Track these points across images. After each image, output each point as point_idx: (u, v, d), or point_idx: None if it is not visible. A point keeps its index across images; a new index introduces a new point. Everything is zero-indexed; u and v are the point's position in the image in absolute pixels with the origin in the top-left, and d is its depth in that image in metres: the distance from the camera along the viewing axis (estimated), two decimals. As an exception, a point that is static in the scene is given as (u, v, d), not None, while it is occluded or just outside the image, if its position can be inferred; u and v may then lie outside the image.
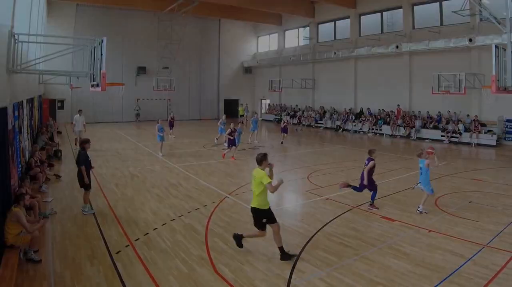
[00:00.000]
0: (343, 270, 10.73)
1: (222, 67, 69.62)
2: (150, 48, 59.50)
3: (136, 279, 10.20)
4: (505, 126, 37.23)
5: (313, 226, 14.31)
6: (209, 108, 68.43)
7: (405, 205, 17.15)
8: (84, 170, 15.53)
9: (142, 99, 60.39)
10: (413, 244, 12.57)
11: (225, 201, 17.74)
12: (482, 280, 10.02)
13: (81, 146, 16.20)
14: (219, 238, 13.13)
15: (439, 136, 40.01)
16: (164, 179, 22.25)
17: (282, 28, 66.88)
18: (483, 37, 35.17)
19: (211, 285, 9.96)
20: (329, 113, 54.84)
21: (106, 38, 17.20)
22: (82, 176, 15.63)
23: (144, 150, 32.68)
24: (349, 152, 33.50)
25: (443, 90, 35.93)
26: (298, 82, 59.36)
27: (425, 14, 44.23)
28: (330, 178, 22.59)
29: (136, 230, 13.74)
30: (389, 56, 46.74)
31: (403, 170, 25.25)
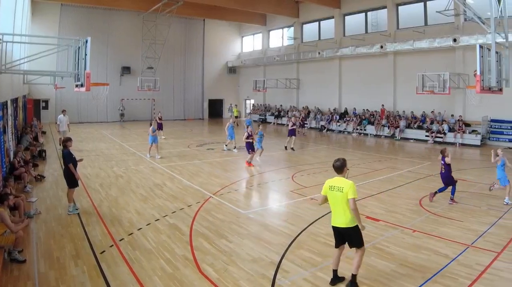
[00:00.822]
0: (328, 270, 10.62)
1: (207, 67, 69.63)
2: (134, 48, 59.47)
3: (121, 279, 10.15)
4: (490, 127, 37.42)
5: (297, 226, 14.29)
6: (194, 108, 68.52)
7: (390, 205, 17.18)
8: (72, 167, 15.47)
9: (126, 99, 60.31)
10: (398, 244, 12.59)
11: (209, 201, 17.69)
12: (467, 280, 10.03)
13: (63, 145, 16.23)
14: (204, 238, 13.07)
15: (423, 136, 40.09)
16: (148, 179, 22.22)
17: (266, 28, 67.03)
18: (467, 37, 35.39)
19: (195, 285, 9.92)
20: (314, 113, 54.90)
21: (90, 38, 17.18)
22: (70, 174, 15.56)
23: (128, 150, 32.55)
24: (334, 152, 33.40)
25: (428, 90, 35.93)
26: (283, 82, 59.49)
27: (410, 14, 44.37)
28: (315, 178, 22.56)
29: (121, 230, 13.69)
30: (373, 56, 46.92)
31: (387, 170, 25.25)
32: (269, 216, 16.03)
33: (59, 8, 52.69)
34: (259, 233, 13.61)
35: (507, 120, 36.11)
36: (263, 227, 14.25)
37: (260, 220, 15.23)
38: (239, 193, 20.03)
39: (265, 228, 14.02)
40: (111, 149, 32.77)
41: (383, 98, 46.26)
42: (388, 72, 46.01)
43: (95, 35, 39.47)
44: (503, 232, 13.51)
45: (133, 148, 33.08)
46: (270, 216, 16.00)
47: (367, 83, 48.81)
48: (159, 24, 56.77)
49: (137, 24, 58.10)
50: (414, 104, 42.84)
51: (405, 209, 16.65)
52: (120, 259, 11.30)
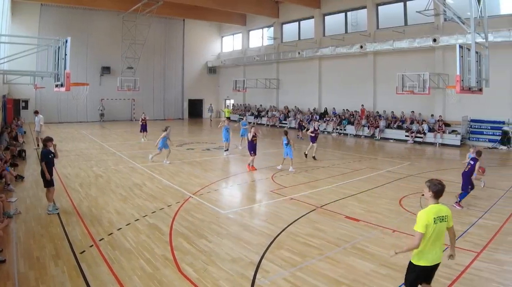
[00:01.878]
0: (307, 270, 10.70)
1: (187, 67, 69.71)
2: (114, 48, 59.32)
3: (101, 279, 10.09)
4: (469, 127, 37.70)
5: (277, 226, 14.26)
6: (174, 108, 68.60)
7: (370, 205, 17.20)
8: (45, 166, 15.39)
9: (106, 99, 60.19)
10: (378, 244, 12.59)
11: (189, 201, 17.65)
12: (447, 280, 10.07)
13: (44, 144, 16.13)
14: (183, 238, 13.03)
15: (403, 136, 40.30)
16: (128, 179, 22.12)
17: (246, 28, 67.15)
18: (447, 37, 35.72)
19: (175, 285, 9.88)
20: (293, 113, 55.08)
21: (70, 38, 17.14)
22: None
23: (108, 150, 32.42)
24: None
25: (407, 90, 36.17)
26: (263, 82, 59.61)
27: (390, 14, 44.63)
28: (294, 178, 22.58)
29: (101, 230, 13.61)
30: (353, 56, 47.09)
31: (367, 170, 25.29)
32: (249, 216, 16.02)
33: (39, 8, 52.54)
34: (238, 233, 13.59)
35: (487, 120, 36.42)
36: (242, 227, 14.24)
37: (239, 220, 15.22)
38: (219, 193, 20.01)
39: (244, 228, 14.02)
40: (90, 149, 32.63)
41: (363, 98, 46.55)
42: (368, 72, 46.24)
43: (75, 35, 39.28)
44: (483, 232, 13.57)
45: (113, 148, 32.99)
46: (250, 216, 16.00)
47: (347, 83, 49.07)
48: (139, 24, 56.74)
49: (117, 24, 57.94)
50: (394, 105, 43.09)
51: (385, 209, 16.67)
52: (100, 259, 11.24)
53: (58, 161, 19.53)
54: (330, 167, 26.19)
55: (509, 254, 11.70)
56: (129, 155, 29.92)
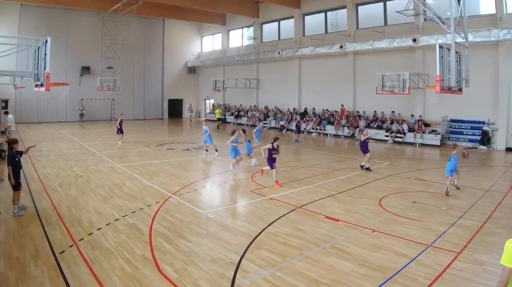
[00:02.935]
0: (287, 270, 10.72)
1: (166, 67, 69.71)
2: (94, 48, 59.13)
3: (80, 279, 10.04)
4: (449, 126, 37.97)
5: (257, 226, 14.29)
6: (153, 108, 68.56)
7: (349, 205, 17.26)
8: (11, 170, 15.26)
9: (86, 99, 60.05)
10: (357, 244, 12.62)
11: (169, 201, 17.64)
12: (426, 280, 10.08)
13: (9, 146, 16.01)
14: (163, 238, 13.01)
15: (383, 136, 40.38)
16: (108, 178, 22.04)
17: (226, 28, 67.16)
18: (427, 37, 35.94)
19: (155, 285, 9.86)
20: (273, 113, 55.27)
21: (50, 38, 17.10)
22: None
23: (88, 149, 32.28)
24: (293, 151, 33.70)
25: (387, 90, 36.33)
26: (242, 82, 59.66)
27: (369, 14, 44.77)
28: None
29: (80, 230, 13.55)
30: (333, 56, 47.19)
31: (347, 170, 25.35)
32: (229, 216, 16.05)
33: (18, 8, 52.35)
34: (218, 233, 13.58)
35: (467, 120, 36.69)
36: (222, 227, 14.22)
37: (219, 220, 15.20)
38: (199, 192, 19.99)
39: (224, 228, 14.01)
40: (70, 149, 32.50)
41: (343, 98, 46.69)
42: (348, 72, 46.38)
43: (54, 35, 39.06)
44: (462, 232, 13.64)
45: (92, 148, 32.87)
46: (230, 216, 16.03)
47: (327, 83, 49.19)
48: (119, 24, 56.69)
49: (96, 24, 57.81)
50: (374, 105, 43.30)
51: (365, 209, 16.72)
52: (80, 259, 11.20)
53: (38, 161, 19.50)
54: (310, 167, 26.29)
55: (489, 254, 11.73)
56: (108, 154, 29.81)
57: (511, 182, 22.44)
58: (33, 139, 37.20)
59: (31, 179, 21.22)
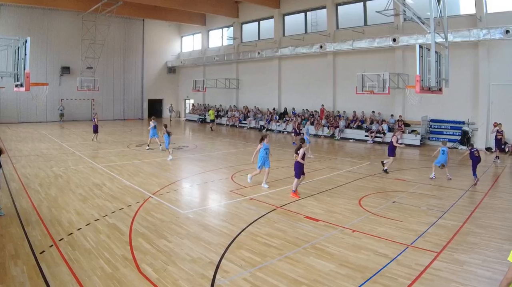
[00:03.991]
0: (267, 270, 10.71)
1: (146, 67, 69.76)
2: (74, 48, 59.00)
3: (60, 279, 9.96)
4: (429, 126, 38.19)
5: (237, 226, 14.27)
6: (133, 108, 68.56)
7: (329, 205, 17.25)
8: None
9: (66, 99, 59.95)
10: (337, 244, 12.61)
11: (149, 201, 17.59)
12: (406, 280, 10.10)
13: None
14: (143, 238, 12.96)
15: (363, 136, 40.61)
16: (88, 179, 21.94)
17: (206, 28, 67.30)
18: (407, 37, 36.05)
19: (135, 285, 9.81)
20: (253, 113, 55.29)
21: (30, 38, 17.02)
22: None
23: (68, 149, 32.15)
24: (273, 151, 33.07)
25: (367, 90, 36.52)
26: (222, 82, 59.82)
27: (349, 14, 44.90)
28: (254, 178, 22.21)
29: (60, 230, 13.46)
30: (313, 56, 47.35)
31: (327, 170, 25.44)
32: (209, 216, 16.02)
33: (-2, 7, 52.06)
34: (198, 233, 13.54)
35: (447, 120, 36.94)
36: (202, 227, 14.19)
37: (199, 220, 15.18)
38: (179, 193, 19.93)
39: (204, 228, 13.98)
40: (50, 149, 32.31)
41: (323, 98, 46.89)
42: (328, 72, 46.53)
43: (34, 35, 39.15)
44: (442, 232, 13.68)
45: (72, 148, 32.78)
46: (210, 216, 15.98)
47: (306, 83, 49.41)
48: (99, 24, 56.79)
49: (76, 24, 57.75)
50: (354, 104, 43.48)
51: (345, 209, 16.73)
52: (60, 259, 11.12)
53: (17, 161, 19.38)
54: (290, 167, 25.51)
55: (469, 254, 11.77)
56: (88, 154, 29.77)
57: (491, 182, 22.69)
58: (13, 139, 37.14)
59: (11, 179, 21.10)
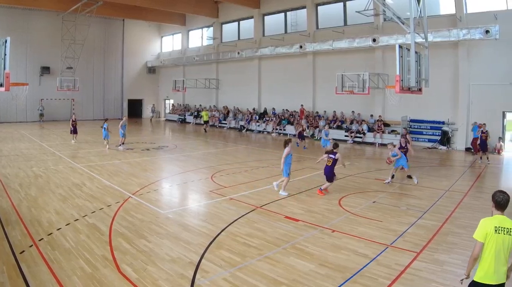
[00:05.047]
0: (247, 270, 10.71)
1: (126, 67, 69.71)
2: (53, 48, 58.57)
3: (40, 279, 9.90)
4: (409, 127, 38.19)
5: (216, 226, 14.25)
6: (113, 108, 68.33)
7: (309, 205, 17.30)
8: None
9: (46, 99, 59.68)
10: (317, 244, 12.63)
11: (129, 201, 17.56)
12: (386, 280, 10.13)
13: None
14: (123, 238, 12.92)
15: (343, 136, 40.63)
16: (68, 179, 21.84)
17: (186, 28, 67.37)
18: (387, 37, 36.19)
19: (114, 285, 9.78)
20: (233, 113, 55.45)
21: (9, 38, 16.95)
22: None
23: (48, 150, 32.03)
24: (253, 151, 33.87)
25: (347, 90, 36.53)
26: (202, 82, 59.81)
27: (329, 14, 45.06)
28: (234, 178, 22.67)
29: (40, 230, 13.38)
30: (293, 56, 47.37)
31: (307, 170, 25.44)
32: (188, 216, 16.04)
33: (-23, 7, 51.78)
34: (178, 233, 13.53)
35: (427, 120, 37.14)
36: (182, 227, 14.19)
37: (179, 220, 15.19)
38: (158, 193, 19.89)
39: (184, 228, 13.97)
40: (30, 149, 32.22)
41: (303, 98, 47.00)
42: (308, 72, 46.65)
43: (14, 35, 38.82)
44: (422, 232, 13.73)
45: (52, 148, 32.67)
46: (189, 216, 16.01)
47: (286, 83, 49.50)
48: (79, 24, 56.25)
49: (56, 24, 57.33)
50: (334, 105, 43.63)
51: (325, 209, 16.75)
52: (40, 259, 11.06)
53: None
54: (270, 167, 26.30)
55: (449, 254, 11.82)
56: (68, 154, 29.67)
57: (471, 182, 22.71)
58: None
59: (-10, 179, 20.96)
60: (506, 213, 7.34)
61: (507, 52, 31.72)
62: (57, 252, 11.59)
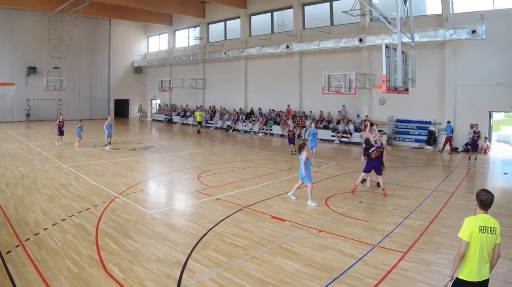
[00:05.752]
0: (234, 270, 10.70)
1: (113, 67, 69.54)
2: (40, 48, 58.31)
3: (27, 279, 9.88)
4: (396, 127, 38.38)
5: (203, 226, 14.24)
6: (100, 108, 68.06)
7: (296, 205, 17.30)
8: None
9: (32, 99, 59.51)
10: (304, 244, 12.63)
11: (115, 201, 17.51)
12: (373, 280, 10.13)
13: None
14: (110, 238, 12.88)
15: (329, 136, 40.69)
16: (54, 179, 21.77)
17: (172, 28, 67.32)
18: (373, 37, 36.19)
19: (101, 285, 9.74)
20: (220, 113, 55.41)
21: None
22: None
23: (34, 150, 31.89)
24: (239, 151, 33.84)
25: (334, 90, 36.61)
26: (189, 82, 59.84)
27: (316, 14, 45.08)
28: (221, 178, 22.65)
29: (27, 230, 13.34)
30: (279, 56, 47.37)
31: (293, 169, 25.10)
32: (175, 216, 16.04)
33: (-37, 8, 51.58)
34: (164, 233, 13.51)
35: (413, 120, 37.20)
36: (168, 227, 14.17)
37: (165, 220, 15.18)
38: (145, 193, 19.84)
39: (170, 228, 13.96)
40: (17, 149, 32.11)
41: (289, 98, 47.06)
42: (294, 72, 46.69)
43: (0, 35, 38.65)
44: (409, 232, 13.75)
45: (39, 148, 32.59)
46: (176, 216, 16.00)
47: (273, 83, 49.53)
48: (65, 24, 56.11)
49: (43, 24, 57.17)
50: (320, 105, 43.65)
51: (311, 209, 16.75)
52: (26, 259, 11.03)
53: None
54: (256, 167, 26.36)
55: (435, 254, 11.83)
56: (55, 154, 29.58)
57: (457, 182, 22.72)
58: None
59: (-25, 180, 20.89)
60: (490, 212, 7.39)
61: (494, 52, 31.87)
62: (43, 252, 11.55)
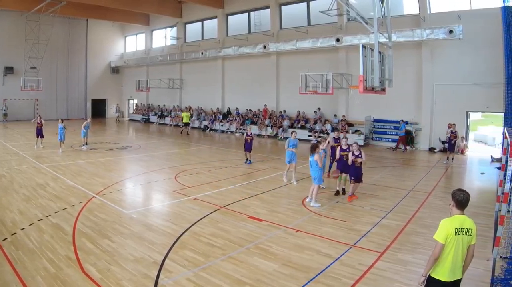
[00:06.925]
0: (211, 270, 10.73)
1: (90, 67, 69.22)
2: (17, 48, 57.84)
3: (3, 279, 9.86)
4: (373, 126, 38.52)
5: (180, 226, 14.26)
6: (77, 108, 67.95)
7: (273, 205, 17.36)
8: None
9: (9, 99, 59.24)
10: (281, 244, 12.67)
11: (92, 201, 17.45)
12: (350, 280, 10.17)
13: None
14: (87, 238, 12.85)
15: (306, 136, 40.12)
16: (31, 179, 21.66)
17: (149, 28, 67.22)
18: (350, 37, 36.27)
19: (78, 285, 9.73)
20: (197, 113, 55.34)
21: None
22: None
23: (11, 149, 31.79)
24: (216, 151, 33.97)
25: (311, 90, 36.73)
26: (166, 82, 59.87)
27: (293, 14, 45.11)
28: (198, 178, 22.70)
29: (4, 230, 13.31)
30: (256, 56, 47.43)
31: (270, 169, 25.56)
32: (152, 216, 16.02)
33: None
34: (141, 233, 13.51)
35: (390, 120, 37.31)
36: (145, 227, 14.17)
37: (143, 220, 15.16)
38: (122, 193, 19.81)
39: (148, 228, 13.96)
40: (-7, 149, 31.88)
41: (266, 98, 47.14)
42: (271, 72, 46.79)
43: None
44: (386, 232, 13.82)
45: (16, 148, 32.46)
46: (153, 216, 15.97)
47: (250, 83, 49.64)
48: (42, 24, 55.69)
49: (20, 24, 56.80)
50: (297, 104, 43.68)
51: (288, 209, 16.83)
52: (3, 259, 11.02)
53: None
54: (234, 167, 26.46)
55: (412, 254, 11.92)
56: (32, 155, 29.37)
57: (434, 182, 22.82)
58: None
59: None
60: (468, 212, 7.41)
61: (471, 52, 32.11)
62: (20, 252, 11.55)
